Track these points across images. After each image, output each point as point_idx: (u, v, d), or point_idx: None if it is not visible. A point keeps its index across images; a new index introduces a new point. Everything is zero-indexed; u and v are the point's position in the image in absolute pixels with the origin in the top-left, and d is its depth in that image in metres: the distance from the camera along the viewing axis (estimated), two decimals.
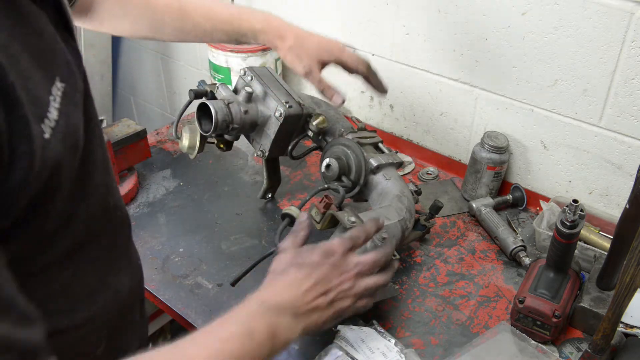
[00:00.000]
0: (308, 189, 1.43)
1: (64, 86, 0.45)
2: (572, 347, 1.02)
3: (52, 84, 0.44)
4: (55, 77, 0.44)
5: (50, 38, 0.46)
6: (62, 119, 0.44)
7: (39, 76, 0.42)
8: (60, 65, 0.46)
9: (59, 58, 0.46)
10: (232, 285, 1.02)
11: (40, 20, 0.45)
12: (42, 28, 0.44)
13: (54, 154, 0.43)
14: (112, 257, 0.64)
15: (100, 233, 0.59)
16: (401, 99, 1.53)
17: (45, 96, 0.42)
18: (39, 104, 0.41)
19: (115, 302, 0.65)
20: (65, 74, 0.46)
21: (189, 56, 2.11)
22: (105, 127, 1.40)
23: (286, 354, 1.01)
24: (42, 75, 0.42)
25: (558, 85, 1.23)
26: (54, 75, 0.44)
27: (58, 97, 0.44)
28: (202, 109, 1.11)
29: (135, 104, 2.59)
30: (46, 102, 0.42)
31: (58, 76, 0.45)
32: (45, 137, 0.41)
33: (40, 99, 0.42)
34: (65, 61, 0.47)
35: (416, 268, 1.20)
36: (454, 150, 1.50)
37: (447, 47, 1.37)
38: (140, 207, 1.35)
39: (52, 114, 0.42)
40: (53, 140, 0.42)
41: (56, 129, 0.43)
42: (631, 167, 1.21)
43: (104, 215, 0.59)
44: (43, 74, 0.43)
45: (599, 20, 1.12)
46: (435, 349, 1.02)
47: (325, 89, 1.03)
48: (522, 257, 1.18)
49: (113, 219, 0.62)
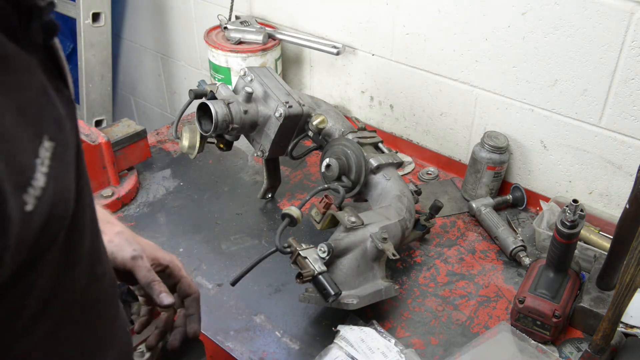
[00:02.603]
0: (308, 189, 1.43)
1: (53, 146, 0.39)
2: (572, 347, 1.02)
3: (40, 145, 0.38)
4: (43, 136, 0.38)
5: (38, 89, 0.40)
6: (50, 185, 0.38)
7: (24, 137, 0.36)
8: (49, 121, 0.40)
9: (48, 112, 0.40)
10: (232, 285, 1.02)
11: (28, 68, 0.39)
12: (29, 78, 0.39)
13: (37, 227, 0.38)
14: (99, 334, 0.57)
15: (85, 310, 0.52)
16: (401, 99, 1.53)
17: (31, 161, 0.37)
18: (21, 172, 0.35)
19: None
20: (55, 130, 0.40)
21: (189, 56, 2.11)
22: (105, 127, 1.40)
23: (286, 353, 1.01)
24: (28, 135, 0.37)
25: (558, 85, 1.24)
26: (41, 134, 0.38)
27: (46, 159, 0.38)
28: (202, 109, 1.11)
29: (135, 104, 2.59)
30: (31, 167, 0.36)
31: (47, 134, 0.39)
32: (27, 209, 0.36)
33: (24, 166, 0.36)
34: (55, 116, 0.41)
35: (416, 268, 1.20)
36: (454, 150, 1.50)
37: (447, 47, 1.37)
38: (140, 207, 1.35)
39: (37, 181, 0.37)
40: (37, 212, 0.37)
41: (42, 198, 0.37)
42: (631, 167, 1.21)
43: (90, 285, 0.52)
44: (29, 133, 0.37)
45: (599, 20, 1.12)
46: (435, 349, 1.02)
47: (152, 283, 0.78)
48: (522, 257, 1.18)
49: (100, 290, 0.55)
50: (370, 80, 1.57)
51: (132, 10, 2.24)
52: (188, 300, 0.84)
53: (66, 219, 0.43)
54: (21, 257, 0.38)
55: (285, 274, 1.15)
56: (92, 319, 0.54)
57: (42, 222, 0.38)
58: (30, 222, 0.37)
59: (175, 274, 0.84)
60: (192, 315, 0.83)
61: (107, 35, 2.09)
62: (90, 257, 0.51)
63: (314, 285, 0.93)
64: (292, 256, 0.95)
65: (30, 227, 0.37)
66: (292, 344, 1.02)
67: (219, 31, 1.66)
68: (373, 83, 1.57)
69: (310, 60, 1.69)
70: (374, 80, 1.56)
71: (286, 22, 1.68)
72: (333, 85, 1.68)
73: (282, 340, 1.03)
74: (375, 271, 1.01)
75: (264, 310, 1.09)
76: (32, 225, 0.37)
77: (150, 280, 0.78)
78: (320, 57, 1.65)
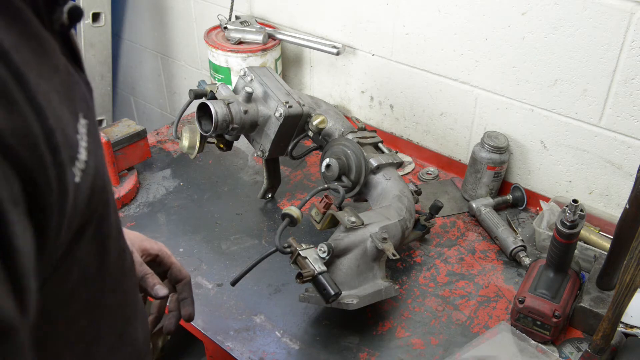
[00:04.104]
0: (308, 189, 1.43)
1: (87, 123, 0.42)
2: (572, 347, 1.02)
3: (77, 122, 0.40)
4: (79, 114, 0.41)
5: (66, 71, 0.42)
6: (90, 160, 0.41)
7: (67, 115, 0.39)
8: (80, 100, 0.43)
9: (76, 92, 0.43)
10: (232, 285, 1.02)
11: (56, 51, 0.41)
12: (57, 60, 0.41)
13: (83, 198, 0.40)
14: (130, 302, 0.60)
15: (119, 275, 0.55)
16: (401, 99, 1.53)
17: (74, 136, 0.39)
18: (71, 146, 0.38)
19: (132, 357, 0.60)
20: (85, 109, 0.43)
21: (189, 56, 2.11)
22: (105, 127, 1.40)
23: (286, 353, 1.01)
24: (69, 112, 0.39)
25: (558, 85, 1.24)
26: (77, 112, 0.41)
27: (84, 135, 0.41)
28: (202, 109, 1.11)
29: (135, 104, 2.59)
30: (75, 142, 0.39)
31: (81, 112, 0.41)
32: (76, 181, 0.38)
33: (71, 140, 0.38)
34: (82, 95, 0.44)
35: (416, 268, 1.20)
36: (454, 150, 1.50)
37: (447, 47, 1.37)
38: (140, 207, 1.35)
39: (81, 155, 0.39)
40: (83, 184, 0.39)
41: (86, 170, 0.40)
42: (631, 167, 1.21)
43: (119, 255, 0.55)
44: (70, 110, 0.40)
45: (599, 20, 1.12)
46: (435, 349, 1.02)
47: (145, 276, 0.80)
48: (522, 257, 1.18)
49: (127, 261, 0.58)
50: (370, 80, 1.57)
51: (132, 10, 2.24)
52: (180, 285, 0.86)
53: (105, 192, 0.46)
54: (74, 227, 0.40)
55: (285, 274, 1.15)
56: (124, 288, 0.57)
57: (88, 194, 0.41)
58: (79, 193, 0.39)
59: (165, 262, 0.86)
60: (185, 299, 0.85)
61: (107, 35, 2.09)
62: (116, 231, 0.54)
63: (314, 285, 0.93)
64: (292, 256, 0.95)
65: (79, 198, 0.39)
66: (292, 344, 1.02)
67: (219, 31, 1.66)
68: (373, 83, 1.57)
69: (310, 60, 1.69)
70: (374, 80, 1.56)
71: (286, 22, 1.68)
72: (333, 85, 1.68)
73: (282, 340, 1.03)
74: (375, 271, 1.01)
75: (264, 310, 1.09)
76: (80, 197, 0.39)
77: (142, 274, 0.80)
78: (320, 57, 1.65)
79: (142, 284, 0.79)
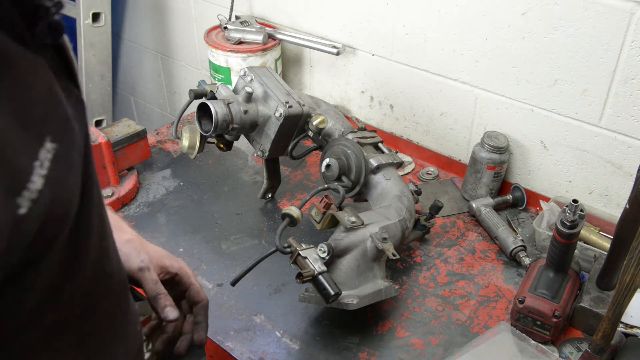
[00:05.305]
0: (308, 189, 1.43)
1: (56, 147, 0.39)
2: (572, 347, 1.02)
3: (40, 147, 0.38)
4: (45, 138, 0.39)
5: (43, 90, 0.40)
6: (48, 188, 0.38)
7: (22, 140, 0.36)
8: (54, 121, 0.40)
9: (53, 113, 0.40)
10: (232, 285, 1.02)
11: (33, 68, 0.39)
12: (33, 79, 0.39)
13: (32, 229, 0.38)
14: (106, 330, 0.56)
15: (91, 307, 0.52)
16: (401, 99, 1.53)
17: (29, 163, 0.37)
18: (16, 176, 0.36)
19: None
20: (59, 131, 0.40)
21: (189, 56, 2.11)
22: (105, 127, 1.40)
23: (286, 353, 1.01)
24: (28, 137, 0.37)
25: (558, 85, 1.24)
26: (43, 136, 0.38)
27: (46, 161, 0.38)
28: (202, 109, 1.11)
29: (135, 104, 2.59)
30: (28, 170, 0.37)
31: (49, 135, 0.39)
32: (20, 212, 0.36)
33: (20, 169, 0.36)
34: (61, 116, 0.41)
35: (416, 268, 1.20)
36: (454, 150, 1.50)
37: (447, 47, 1.37)
38: (140, 207, 1.35)
39: (34, 184, 0.37)
40: (33, 214, 0.37)
41: (39, 200, 0.37)
42: (631, 167, 1.21)
43: (97, 284, 0.52)
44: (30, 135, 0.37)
45: (599, 20, 1.12)
46: (435, 349, 1.02)
47: (157, 296, 0.78)
48: (522, 257, 1.18)
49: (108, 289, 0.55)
50: (370, 80, 1.57)
51: (132, 10, 2.24)
52: (196, 307, 0.84)
53: (66, 221, 0.43)
54: (15, 258, 0.38)
55: (285, 274, 1.15)
56: (99, 316, 0.54)
57: (39, 224, 0.38)
58: (25, 225, 0.37)
59: (184, 282, 0.84)
60: (199, 324, 0.83)
61: (107, 35, 2.09)
62: (98, 256, 0.50)
63: (314, 285, 0.93)
64: (292, 256, 0.95)
65: (25, 229, 0.37)
66: (292, 344, 1.02)
67: (219, 31, 1.66)
68: (373, 83, 1.57)
69: (310, 60, 1.69)
70: (374, 80, 1.56)
71: (286, 22, 1.68)
72: (333, 85, 1.68)
73: (282, 340, 1.03)
74: (375, 271, 1.01)
75: (264, 310, 1.09)
76: (27, 228, 0.37)
77: (155, 294, 0.78)
78: (320, 57, 1.65)
79: (154, 304, 0.77)
